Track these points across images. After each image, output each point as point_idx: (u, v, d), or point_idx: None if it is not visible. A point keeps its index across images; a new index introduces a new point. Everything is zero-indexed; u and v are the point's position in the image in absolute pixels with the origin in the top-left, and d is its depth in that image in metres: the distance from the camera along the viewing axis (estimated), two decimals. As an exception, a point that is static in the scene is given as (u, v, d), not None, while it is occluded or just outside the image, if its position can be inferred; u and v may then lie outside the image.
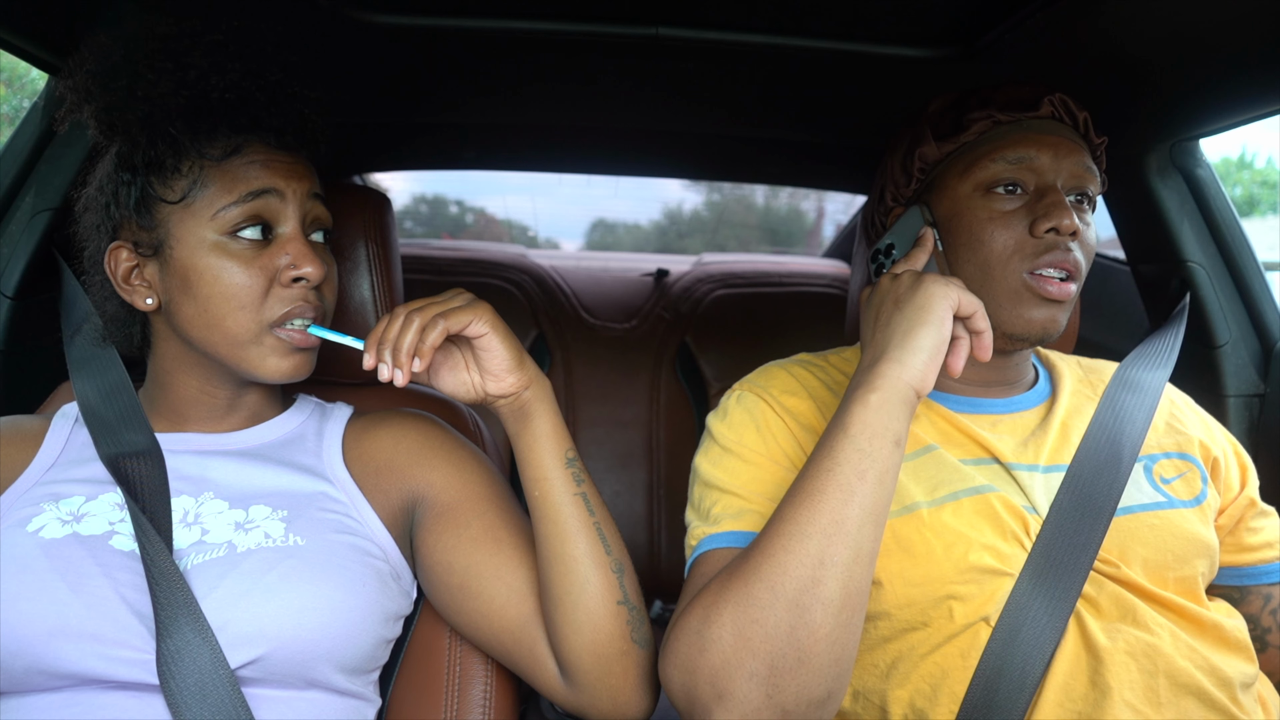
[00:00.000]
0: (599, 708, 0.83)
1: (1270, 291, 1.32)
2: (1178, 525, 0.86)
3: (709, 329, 2.07)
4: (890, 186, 1.01)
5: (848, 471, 0.74)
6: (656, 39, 1.19)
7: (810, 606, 0.71)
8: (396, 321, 0.78)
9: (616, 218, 8.71)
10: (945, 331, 0.78)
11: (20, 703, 0.75)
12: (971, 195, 0.91)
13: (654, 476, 2.01)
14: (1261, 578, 0.93)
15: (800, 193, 6.04)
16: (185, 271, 0.84)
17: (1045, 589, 0.80)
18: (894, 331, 0.79)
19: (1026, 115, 0.92)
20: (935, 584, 0.82)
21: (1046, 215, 0.86)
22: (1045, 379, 1.01)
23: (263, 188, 0.84)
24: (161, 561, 0.77)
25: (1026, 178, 0.90)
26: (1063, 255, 0.87)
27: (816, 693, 0.71)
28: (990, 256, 0.89)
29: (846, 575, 0.72)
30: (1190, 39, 1.04)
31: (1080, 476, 0.86)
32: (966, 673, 0.80)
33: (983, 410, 0.94)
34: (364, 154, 2.03)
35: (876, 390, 0.76)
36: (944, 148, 0.94)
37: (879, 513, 0.74)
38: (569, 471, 0.83)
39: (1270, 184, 8.81)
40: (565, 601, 0.82)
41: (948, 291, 0.79)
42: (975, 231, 0.90)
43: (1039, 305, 0.88)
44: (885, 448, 0.75)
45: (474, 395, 0.83)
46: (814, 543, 0.72)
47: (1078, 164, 0.90)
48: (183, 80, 0.82)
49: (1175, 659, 0.79)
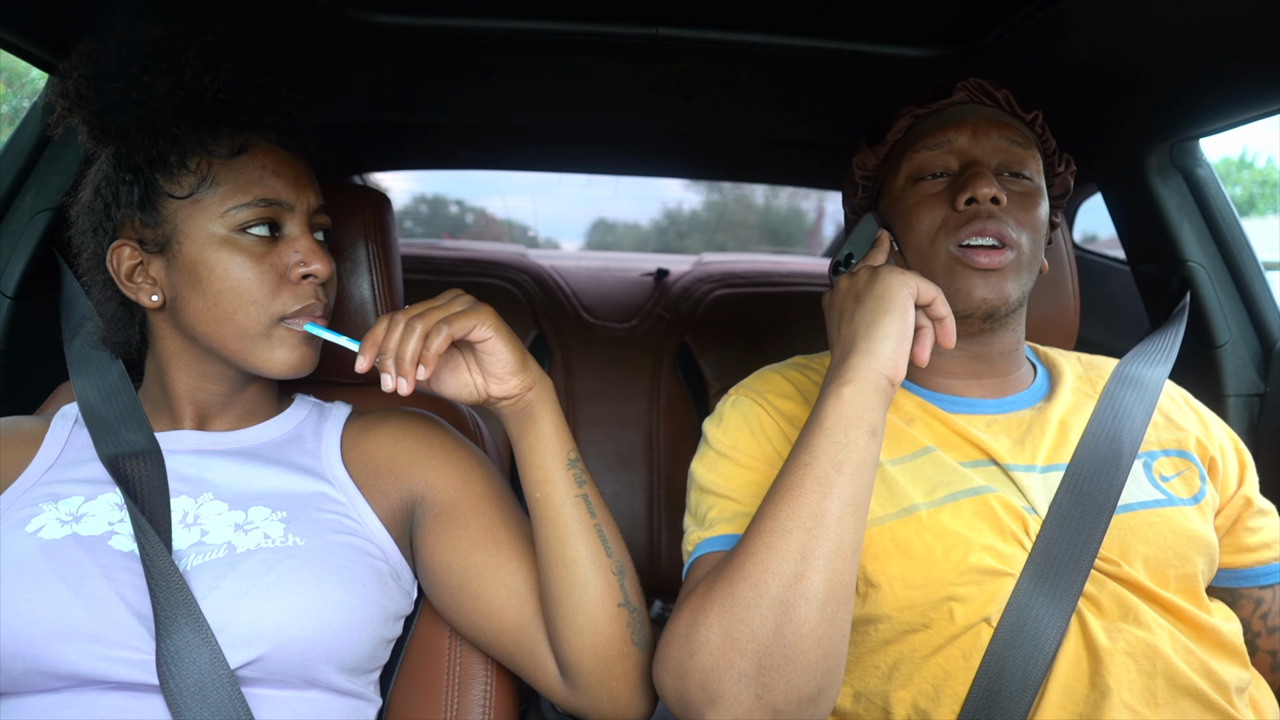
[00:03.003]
0: (599, 709, 0.83)
1: (1270, 291, 1.32)
2: (1178, 523, 0.86)
3: (709, 329, 2.07)
4: (846, 200, 1.08)
5: (825, 464, 0.74)
6: (656, 39, 1.19)
7: (794, 602, 0.71)
8: (397, 328, 0.76)
9: (616, 218, 8.71)
10: (909, 318, 0.79)
11: (20, 703, 0.75)
12: (904, 188, 0.95)
13: (654, 476, 2.01)
14: (1255, 580, 0.93)
15: (800, 193, 6.04)
16: (195, 266, 0.85)
17: (1046, 588, 0.80)
18: (859, 324, 0.80)
19: (943, 104, 0.96)
20: (935, 586, 0.82)
21: (964, 187, 0.89)
22: (1043, 377, 1.01)
23: (274, 198, 0.86)
24: (161, 562, 0.77)
25: (949, 161, 0.93)
26: (984, 223, 0.88)
27: (806, 690, 0.71)
28: (920, 238, 0.92)
29: (829, 568, 0.72)
30: (1190, 39, 1.04)
31: (1080, 474, 0.86)
32: (969, 673, 0.80)
33: (977, 410, 0.94)
34: (364, 154, 2.03)
35: (849, 383, 0.77)
36: (878, 151, 1.00)
37: (859, 503, 0.74)
38: (571, 473, 0.83)
39: (1270, 183, 8.81)
40: (566, 603, 0.81)
41: (905, 280, 0.80)
42: (907, 218, 0.94)
43: (975, 278, 0.89)
44: (861, 438, 0.75)
45: (477, 397, 0.82)
46: (795, 538, 0.72)
47: (1001, 139, 0.93)
48: (178, 82, 0.82)
49: (1174, 660, 0.78)
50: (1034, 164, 0.94)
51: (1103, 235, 2.14)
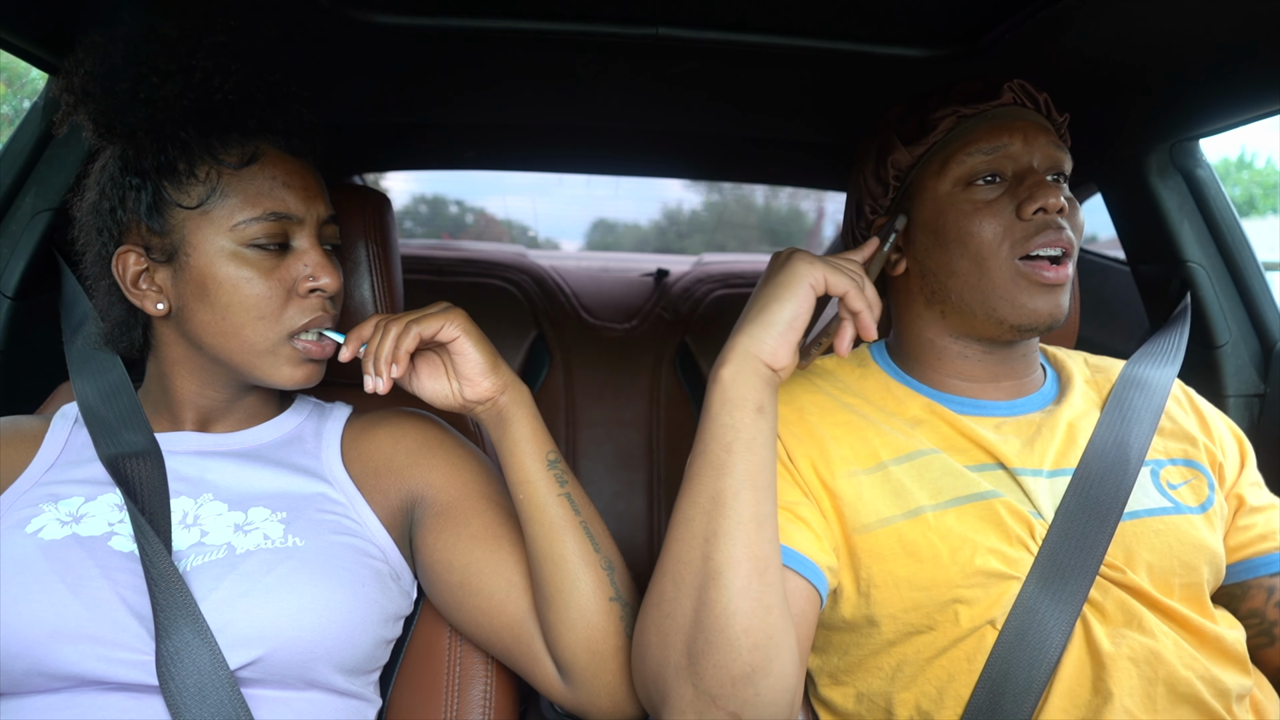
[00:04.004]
0: (598, 705, 0.83)
1: (1270, 291, 1.32)
2: (1184, 531, 0.86)
3: (709, 329, 2.07)
4: (867, 199, 1.00)
5: (715, 448, 0.76)
6: (656, 39, 1.19)
7: (707, 585, 0.72)
8: (379, 330, 0.82)
9: (616, 218, 8.71)
10: (801, 307, 0.77)
11: (20, 704, 0.75)
12: (952, 192, 0.91)
13: (654, 476, 2.01)
14: (1262, 570, 0.92)
15: (800, 193, 6.04)
16: (203, 280, 0.84)
17: (1052, 592, 0.80)
18: (753, 306, 0.80)
19: (990, 105, 0.93)
20: (941, 588, 0.82)
21: (1031, 197, 0.87)
22: (1053, 380, 1.00)
23: (284, 212, 0.85)
24: (160, 563, 0.77)
25: (1004, 166, 0.90)
26: (1055, 234, 0.87)
27: (736, 669, 0.71)
28: (982, 246, 0.89)
29: (733, 543, 0.73)
30: (1190, 39, 1.04)
31: (1087, 479, 0.86)
32: (972, 676, 0.80)
33: (987, 412, 0.94)
34: (364, 154, 2.03)
35: (727, 364, 0.77)
36: (914, 151, 0.94)
37: (756, 477, 0.75)
38: (551, 473, 0.84)
39: (1268, 185, 8.81)
40: (557, 600, 0.82)
41: (811, 270, 0.78)
42: (963, 225, 0.90)
43: (1038, 293, 0.88)
44: (748, 416, 0.76)
45: (453, 402, 0.85)
46: (697, 523, 0.74)
47: (1048, 144, 0.91)
48: (188, 83, 0.82)
49: (1177, 667, 0.78)
50: (1069, 167, 0.93)
51: (1103, 235, 2.14)
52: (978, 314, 0.90)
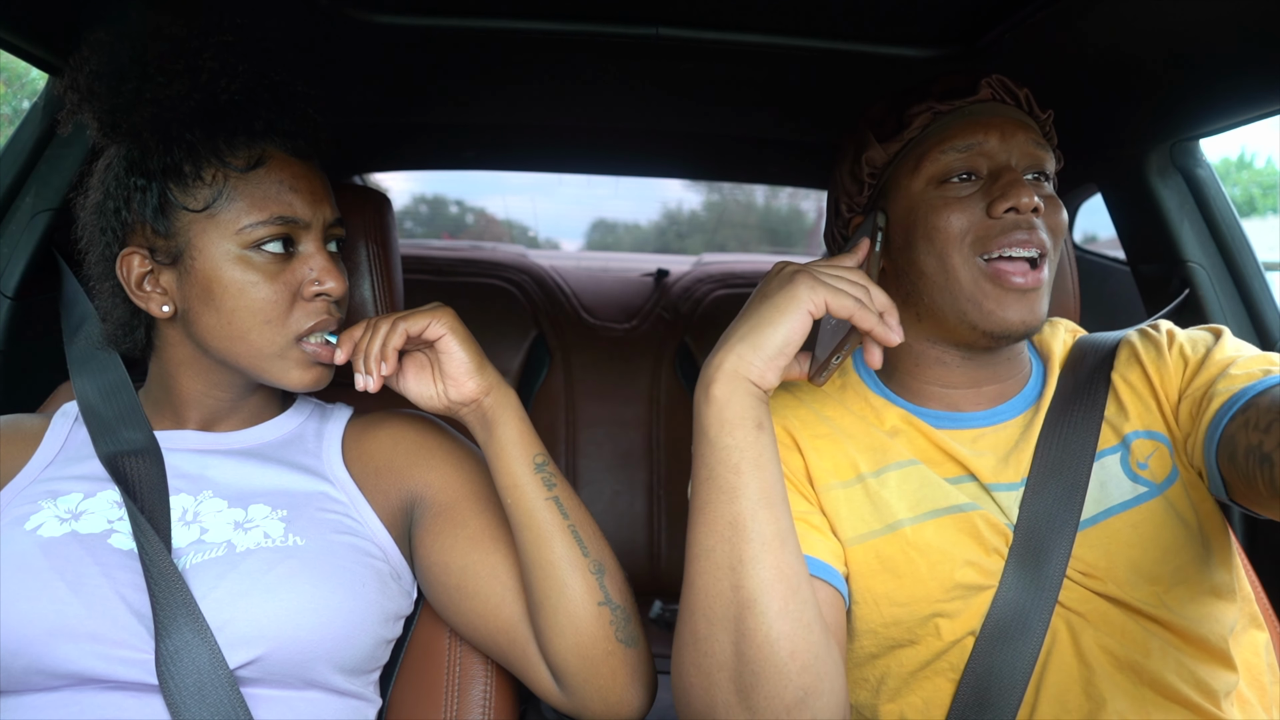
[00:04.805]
0: (592, 708, 0.83)
1: (1270, 291, 1.32)
2: (1160, 516, 0.83)
3: (709, 329, 2.07)
4: (844, 198, 0.98)
5: (722, 471, 0.72)
6: (656, 39, 1.19)
7: (743, 615, 0.69)
8: (368, 330, 0.83)
9: (616, 218, 8.71)
10: (796, 333, 0.73)
11: (19, 702, 0.75)
12: (925, 190, 0.88)
13: (654, 476, 2.01)
14: (1254, 389, 0.79)
15: (800, 193, 6.03)
16: (208, 283, 0.84)
17: (1025, 579, 0.80)
18: (744, 322, 0.75)
19: (966, 101, 0.89)
20: (921, 603, 0.81)
21: (1004, 195, 0.83)
22: (1038, 377, 0.96)
23: (291, 216, 0.85)
24: (160, 561, 0.76)
25: (979, 163, 0.87)
26: (1026, 234, 0.82)
27: (790, 695, 0.69)
28: (946, 243, 0.85)
29: (759, 566, 0.70)
30: (1190, 39, 1.04)
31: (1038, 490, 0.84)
32: (956, 685, 0.80)
33: (964, 425, 0.91)
34: (364, 154, 2.03)
35: (716, 383, 0.73)
36: (889, 148, 0.91)
37: (769, 495, 0.72)
38: (539, 477, 0.84)
39: (1268, 185, 8.81)
40: (546, 605, 0.82)
41: (811, 295, 0.73)
42: (931, 220, 0.86)
43: (1008, 300, 0.83)
44: (749, 435, 0.72)
45: (438, 403, 0.85)
46: (720, 552, 0.71)
47: (1028, 142, 0.87)
48: (194, 83, 0.81)
49: (1163, 671, 0.78)
50: (1052, 165, 0.90)
51: (1103, 235, 2.14)
52: (950, 318, 0.87)
